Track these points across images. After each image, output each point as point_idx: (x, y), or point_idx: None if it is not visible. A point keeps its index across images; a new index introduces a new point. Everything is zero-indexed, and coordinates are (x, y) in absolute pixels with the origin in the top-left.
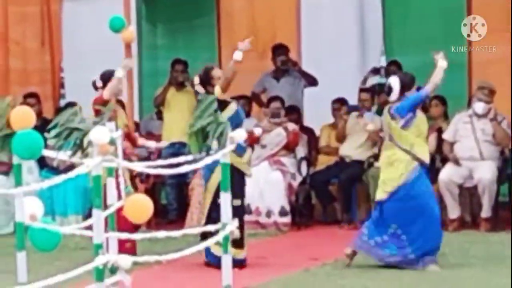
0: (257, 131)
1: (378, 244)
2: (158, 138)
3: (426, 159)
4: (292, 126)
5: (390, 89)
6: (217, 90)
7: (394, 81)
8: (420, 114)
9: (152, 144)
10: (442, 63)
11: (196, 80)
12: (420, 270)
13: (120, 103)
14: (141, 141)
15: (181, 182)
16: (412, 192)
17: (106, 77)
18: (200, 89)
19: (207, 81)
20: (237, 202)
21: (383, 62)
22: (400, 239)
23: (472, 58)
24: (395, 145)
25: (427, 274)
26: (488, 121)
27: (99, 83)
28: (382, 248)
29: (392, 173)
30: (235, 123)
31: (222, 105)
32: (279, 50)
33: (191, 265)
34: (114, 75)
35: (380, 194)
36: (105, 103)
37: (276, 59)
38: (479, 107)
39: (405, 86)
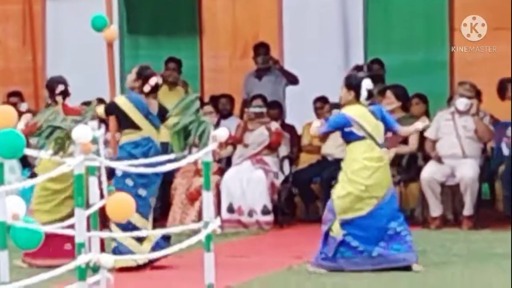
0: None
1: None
2: None
3: None
4: (275, 125)
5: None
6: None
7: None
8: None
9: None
10: (418, 125)
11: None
12: (402, 269)
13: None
14: None
15: (165, 181)
16: None
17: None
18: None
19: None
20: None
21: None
22: (400, 234)
23: (454, 57)
24: (376, 145)
25: (409, 273)
26: (469, 117)
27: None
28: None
29: (389, 172)
30: None
31: None
32: (260, 48)
33: (174, 264)
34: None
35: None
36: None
37: (257, 58)
38: (461, 103)
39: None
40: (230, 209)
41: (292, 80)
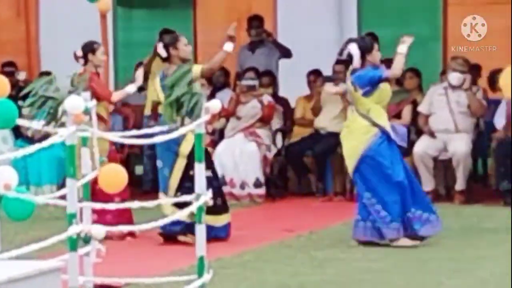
0: None
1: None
2: (134, 108)
3: (384, 125)
4: (267, 98)
5: (351, 57)
6: (197, 70)
7: (353, 48)
8: (383, 85)
9: (131, 89)
10: (401, 48)
11: (160, 44)
12: (394, 244)
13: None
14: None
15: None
16: (378, 158)
17: (88, 48)
18: (162, 51)
19: (172, 44)
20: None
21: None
22: (374, 207)
23: (447, 31)
24: (354, 112)
25: (400, 248)
26: (462, 92)
27: (79, 53)
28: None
29: (353, 141)
30: None
31: None
32: (254, 21)
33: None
34: (126, 90)
35: (350, 168)
36: (110, 103)
37: (251, 30)
38: (453, 77)
39: (365, 51)
40: (222, 182)
41: (285, 53)
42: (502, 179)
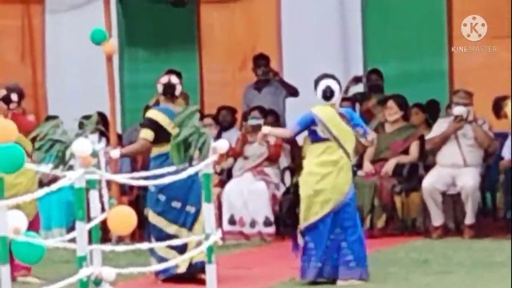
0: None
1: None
2: None
3: None
4: (273, 138)
5: (333, 93)
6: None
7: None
8: None
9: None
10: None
11: (175, 80)
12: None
13: None
14: None
15: None
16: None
17: (19, 91)
18: (179, 88)
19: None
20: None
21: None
22: (340, 246)
23: (453, 65)
24: (340, 148)
25: (410, 282)
26: (468, 125)
27: (15, 97)
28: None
29: (345, 177)
30: None
31: None
32: (260, 60)
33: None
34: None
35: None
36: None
37: (257, 69)
38: (458, 111)
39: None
40: (232, 221)
41: (292, 92)
42: (511, 207)
